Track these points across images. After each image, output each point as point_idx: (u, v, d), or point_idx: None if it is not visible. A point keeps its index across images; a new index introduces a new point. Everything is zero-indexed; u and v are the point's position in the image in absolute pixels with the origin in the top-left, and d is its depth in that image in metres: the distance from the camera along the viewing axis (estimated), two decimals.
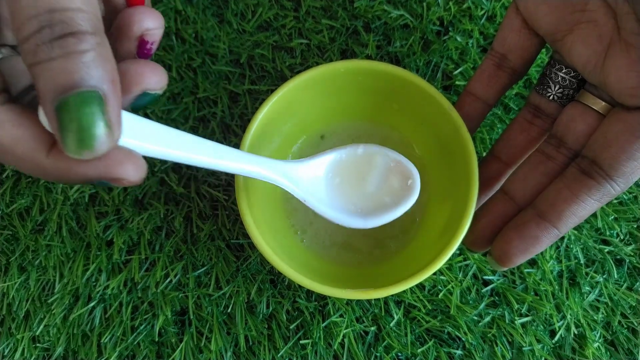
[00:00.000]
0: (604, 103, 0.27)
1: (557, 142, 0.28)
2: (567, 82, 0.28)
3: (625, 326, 0.36)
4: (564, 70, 0.28)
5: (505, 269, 0.28)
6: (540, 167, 0.28)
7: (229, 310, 0.36)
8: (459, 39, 0.39)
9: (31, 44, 0.17)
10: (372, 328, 0.36)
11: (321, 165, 0.29)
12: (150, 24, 0.22)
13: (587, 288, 0.36)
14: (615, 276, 0.36)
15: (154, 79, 0.21)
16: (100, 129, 0.18)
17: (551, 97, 0.29)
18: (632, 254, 0.37)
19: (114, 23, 0.22)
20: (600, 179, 0.25)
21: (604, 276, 0.37)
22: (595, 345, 0.35)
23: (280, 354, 0.35)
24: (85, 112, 0.18)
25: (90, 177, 0.19)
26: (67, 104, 0.17)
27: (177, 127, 0.39)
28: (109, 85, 0.18)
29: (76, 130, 0.18)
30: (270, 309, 0.36)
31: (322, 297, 0.36)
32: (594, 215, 0.37)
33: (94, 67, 0.18)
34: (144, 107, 0.22)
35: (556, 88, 0.29)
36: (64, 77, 0.17)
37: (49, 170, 0.19)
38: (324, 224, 0.34)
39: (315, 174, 0.28)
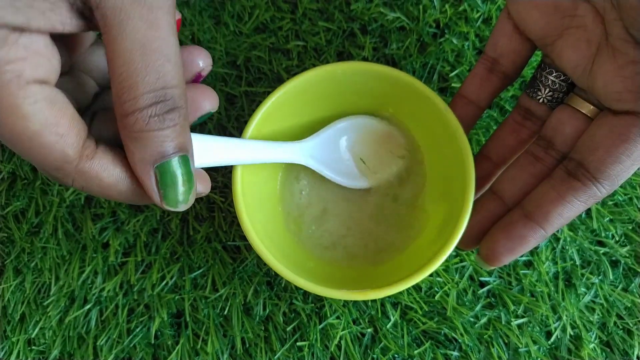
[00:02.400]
0: (592, 107, 0.27)
1: (546, 144, 0.28)
2: (557, 85, 0.29)
3: (620, 327, 0.36)
4: (554, 74, 0.29)
5: (492, 268, 0.29)
6: (528, 168, 0.29)
7: (225, 313, 0.36)
8: (455, 41, 0.39)
9: (145, 114, 0.20)
10: (369, 330, 0.36)
11: (330, 137, 0.33)
12: (204, 64, 0.26)
13: (582, 289, 0.36)
14: (611, 277, 0.37)
15: (212, 103, 0.26)
16: (191, 187, 0.23)
17: (541, 100, 0.29)
18: (627, 255, 0.37)
19: None
20: (587, 181, 0.26)
21: (600, 277, 0.37)
22: (591, 346, 0.35)
23: (277, 356, 0.35)
24: (183, 172, 0.22)
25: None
26: (167, 167, 0.21)
27: None
28: (190, 146, 0.22)
29: (174, 190, 0.22)
30: (267, 310, 0.36)
31: (319, 299, 0.36)
32: (590, 216, 0.37)
33: (185, 133, 0.22)
34: (201, 121, 0.27)
35: (546, 91, 0.29)
36: (166, 145, 0.21)
37: (148, 200, 0.23)
38: (320, 226, 0.34)
39: (325, 145, 0.33)
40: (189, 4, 0.41)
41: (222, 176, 0.38)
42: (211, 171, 0.38)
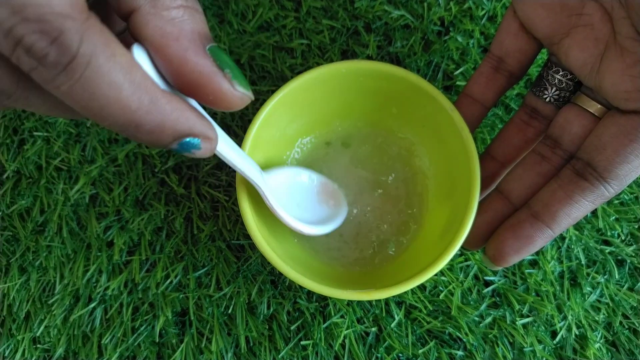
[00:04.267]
0: (599, 106, 0.27)
1: (553, 144, 0.28)
2: (564, 84, 0.28)
3: (626, 327, 0.36)
4: (560, 73, 0.28)
5: (499, 268, 0.29)
6: (535, 167, 0.28)
7: (229, 311, 0.36)
8: (459, 39, 0.39)
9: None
10: (373, 329, 0.36)
11: (282, 177, 0.31)
12: None
13: (588, 289, 0.36)
14: (617, 277, 0.36)
15: None
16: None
17: (547, 99, 0.29)
18: (633, 254, 0.37)
19: None
20: (594, 180, 0.26)
21: (605, 277, 0.36)
22: (597, 345, 0.35)
23: (281, 354, 0.35)
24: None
25: (188, 128, 0.19)
26: (218, 50, 0.18)
27: None
28: None
29: (236, 67, 0.18)
30: (271, 309, 0.36)
31: (323, 298, 0.36)
32: (595, 215, 0.37)
33: None
34: None
35: (552, 90, 0.29)
36: (208, 30, 0.18)
37: (154, 112, 0.17)
38: None
39: (278, 183, 0.31)
40: None
41: (225, 175, 0.38)
42: (215, 170, 0.38)
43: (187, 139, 0.19)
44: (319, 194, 0.33)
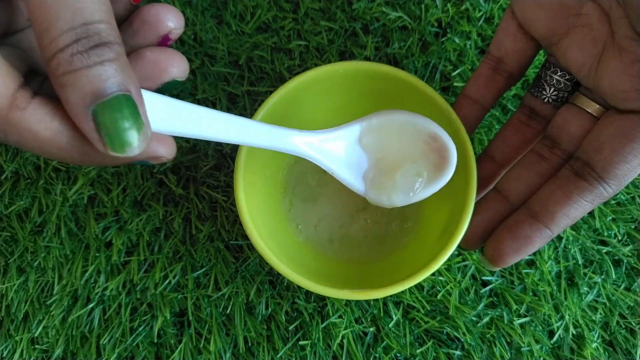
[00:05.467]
0: (597, 106, 0.27)
1: (551, 144, 0.28)
2: (562, 84, 0.29)
3: (623, 326, 0.36)
4: (559, 73, 0.28)
5: (497, 268, 0.29)
6: (534, 167, 0.28)
7: (228, 312, 0.36)
8: (457, 40, 0.39)
9: (67, 54, 0.18)
10: (371, 329, 0.36)
11: (348, 135, 0.28)
12: (175, 24, 0.24)
13: (585, 288, 0.36)
14: (614, 277, 0.37)
15: (180, 68, 0.24)
16: (140, 127, 0.20)
17: (546, 100, 0.29)
18: (630, 254, 0.37)
19: (136, 15, 0.24)
20: (593, 180, 0.26)
21: (602, 277, 0.37)
22: (594, 345, 0.35)
23: (279, 355, 0.35)
24: (124, 113, 0.19)
25: (134, 160, 0.21)
26: (107, 107, 0.19)
27: None
28: (135, 88, 0.20)
29: (117, 131, 0.19)
30: (269, 310, 0.36)
31: (321, 298, 0.36)
32: (592, 215, 0.37)
33: (124, 72, 0.19)
34: (168, 91, 0.24)
35: (551, 90, 0.29)
36: (100, 83, 0.19)
37: (95, 158, 0.21)
38: (323, 226, 0.34)
39: (342, 144, 0.28)
40: (192, 3, 0.41)
41: (224, 175, 0.38)
42: (213, 170, 0.38)
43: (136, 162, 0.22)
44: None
